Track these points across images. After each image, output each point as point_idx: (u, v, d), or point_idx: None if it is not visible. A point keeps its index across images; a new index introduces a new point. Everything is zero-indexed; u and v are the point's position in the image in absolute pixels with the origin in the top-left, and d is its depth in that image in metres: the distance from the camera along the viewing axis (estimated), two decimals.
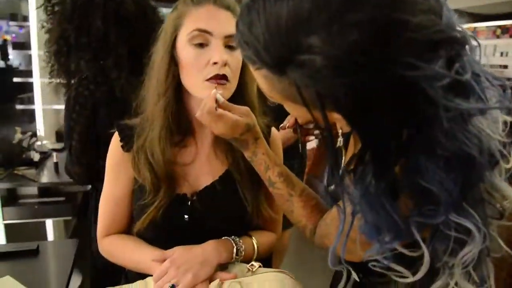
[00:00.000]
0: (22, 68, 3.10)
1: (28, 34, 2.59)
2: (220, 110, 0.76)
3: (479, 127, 0.49)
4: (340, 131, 0.53)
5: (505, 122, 0.61)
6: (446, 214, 0.48)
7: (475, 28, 6.09)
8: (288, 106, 0.56)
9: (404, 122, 0.45)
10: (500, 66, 5.11)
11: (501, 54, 5.49)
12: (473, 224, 0.51)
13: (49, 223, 2.19)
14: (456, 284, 0.57)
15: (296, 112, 0.58)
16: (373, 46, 0.40)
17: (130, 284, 0.87)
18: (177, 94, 0.88)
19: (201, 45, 0.81)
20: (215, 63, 0.80)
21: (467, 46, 0.46)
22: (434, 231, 0.52)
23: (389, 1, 0.41)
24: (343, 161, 0.61)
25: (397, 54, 0.40)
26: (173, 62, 0.85)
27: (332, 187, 0.58)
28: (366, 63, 0.40)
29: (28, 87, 2.72)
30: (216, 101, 0.77)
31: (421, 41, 0.41)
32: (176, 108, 0.88)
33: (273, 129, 1.01)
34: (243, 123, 0.78)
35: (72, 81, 1.42)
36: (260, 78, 0.53)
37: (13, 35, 3.11)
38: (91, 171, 1.37)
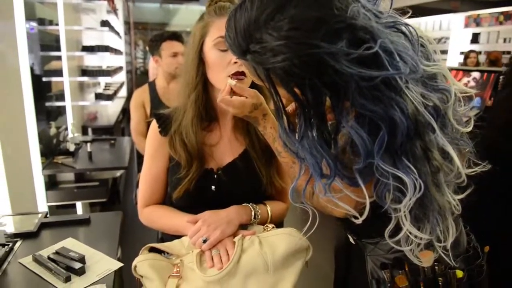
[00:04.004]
0: (35, 67, 3.31)
1: (39, 35, 2.75)
2: (228, 97, 0.95)
3: (412, 96, 0.64)
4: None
5: (459, 100, 0.80)
6: (365, 161, 0.64)
7: (478, 15, 6.10)
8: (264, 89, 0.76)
9: (323, 88, 0.62)
10: (504, 52, 5.09)
11: (504, 40, 5.48)
12: (406, 175, 0.65)
13: (79, 206, 2.45)
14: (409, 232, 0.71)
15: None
16: (295, 34, 0.60)
17: (168, 242, 1.07)
18: (205, 88, 1.09)
19: (224, 49, 1.02)
20: (235, 62, 1.00)
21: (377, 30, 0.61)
22: (376, 180, 0.69)
23: (310, 3, 0.60)
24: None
25: (308, 38, 0.59)
26: (201, 62, 1.06)
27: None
28: (291, 46, 0.60)
29: (49, 86, 2.93)
30: (231, 89, 0.96)
31: (325, 28, 0.59)
32: (204, 99, 1.09)
33: None
34: (249, 103, 0.93)
35: None
36: (244, 66, 0.75)
37: None
38: None
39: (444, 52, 7.07)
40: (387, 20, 0.68)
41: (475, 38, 6.67)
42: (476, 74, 3.26)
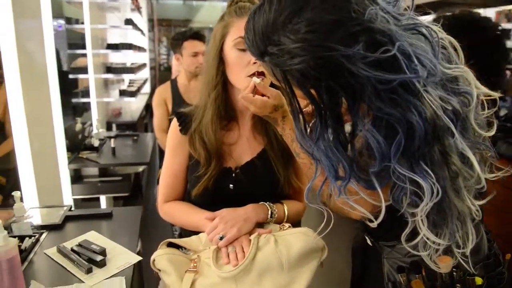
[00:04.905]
0: (63, 65, 3.38)
1: (66, 33, 2.82)
2: (250, 95, 0.96)
3: (430, 100, 0.63)
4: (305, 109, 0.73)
5: (482, 104, 0.78)
6: (380, 164, 0.64)
7: (510, 10, 5.92)
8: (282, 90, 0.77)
9: (338, 90, 0.62)
10: None
11: None
12: (424, 179, 0.64)
13: (103, 200, 2.53)
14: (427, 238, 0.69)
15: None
16: (312, 37, 0.60)
17: (187, 238, 1.10)
18: (225, 87, 1.10)
19: (244, 49, 1.03)
20: (255, 62, 1.01)
21: (393, 31, 0.61)
22: (393, 184, 0.68)
23: (327, 6, 0.60)
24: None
25: (325, 41, 0.60)
26: (221, 62, 1.07)
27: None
28: (308, 49, 0.60)
29: (75, 83, 3.01)
30: (255, 87, 0.97)
31: (342, 31, 0.59)
32: (224, 98, 1.10)
33: None
34: (270, 104, 0.95)
35: None
36: (263, 68, 0.76)
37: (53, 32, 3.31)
38: None
39: None
40: (407, 22, 0.67)
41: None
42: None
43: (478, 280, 0.82)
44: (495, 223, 1.28)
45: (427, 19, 0.72)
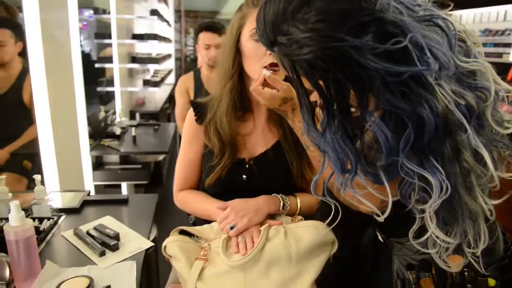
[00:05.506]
0: (93, 54, 3.44)
1: (95, 23, 2.88)
2: (260, 88, 0.96)
3: (443, 94, 0.61)
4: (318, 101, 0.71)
5: (502, 99, 0.74)
6: (387, 158, 0.62)
7: None
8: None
9: (346, 82, 0.61)
10: None
11: None
12: (433, 175, 0.62)
13: (124, 186, 2.59)
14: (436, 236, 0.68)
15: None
16: (321, 27, 0.59)
17: (199, 226, 1.11)
18: (241, 78, 1.10)
19: None
20: (271, 53, 1.00)
21: (405, 23, 0.58)
22: (401, 179, 0.66)
23: None
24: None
25: (333, 31, 0.58)
26: (238, 53, 1.07)
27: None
28: (316, 39, 0.59)
29: (102, 72, 3.09)
30: (265, 79, 0.97)
31: (351, 21, 0.57)
32: (239, 89, 1.10)
33: None
34: (279, 97, 0.95)
35: None
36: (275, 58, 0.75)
37: (84, 22, 3.32)
38: None
39: (508, 45, 6.56)
40: (423, 13, 0.64)
41: None
42: None
43: (491, 282, 0.79)
44: None
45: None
